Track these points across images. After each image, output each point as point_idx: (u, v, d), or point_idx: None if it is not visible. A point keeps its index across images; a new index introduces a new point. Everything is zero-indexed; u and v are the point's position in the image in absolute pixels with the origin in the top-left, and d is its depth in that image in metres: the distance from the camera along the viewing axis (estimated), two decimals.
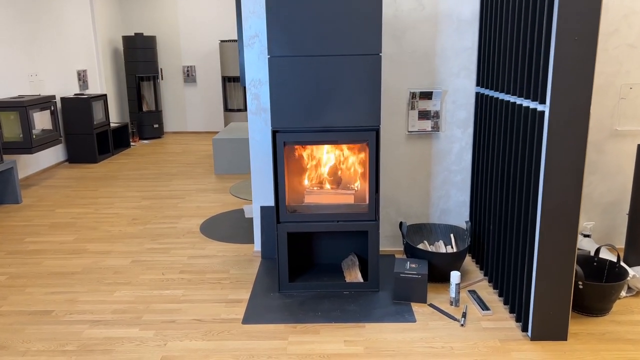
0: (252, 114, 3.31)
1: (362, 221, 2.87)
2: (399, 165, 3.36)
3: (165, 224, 4.18)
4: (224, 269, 3.31)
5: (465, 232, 3.19)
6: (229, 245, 3.71)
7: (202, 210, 4.52)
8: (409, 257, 3.09)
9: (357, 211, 2.88)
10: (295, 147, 2.99)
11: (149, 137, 8.28)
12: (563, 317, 2.40)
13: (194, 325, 2.63)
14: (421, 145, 3.33)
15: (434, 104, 3.24)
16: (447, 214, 3.42)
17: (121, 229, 4.07)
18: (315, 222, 2.87)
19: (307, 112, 2.73)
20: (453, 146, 3.32)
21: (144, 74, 8.07)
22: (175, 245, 3.72)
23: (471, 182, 3.33)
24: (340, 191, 2.99)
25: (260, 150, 3.36)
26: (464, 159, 3.34)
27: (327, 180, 3.05)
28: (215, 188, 5.27)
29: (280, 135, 2.76)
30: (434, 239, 3.33)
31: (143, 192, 5.17)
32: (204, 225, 4.13)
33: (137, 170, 6.12)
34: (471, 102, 3.25)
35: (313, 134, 2.76)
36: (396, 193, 3.40)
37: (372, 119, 2.74)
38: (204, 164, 6.45)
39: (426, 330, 2.55)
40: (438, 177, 3.37)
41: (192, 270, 3.30)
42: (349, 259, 3.21)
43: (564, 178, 2.26)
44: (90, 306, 2.85)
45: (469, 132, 3.30)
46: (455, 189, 3.39)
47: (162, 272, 3.28)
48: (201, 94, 8.74)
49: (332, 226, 2.87)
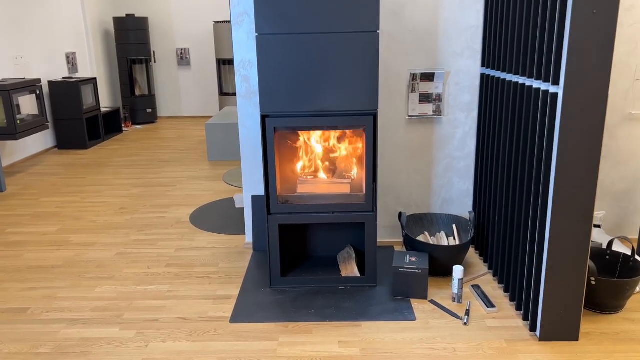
0: (242, 97, 3.10)
1: (358, 212, 2.68)
2: (398, 151, 3.16)
3: (154, 214, 3.99)
4: (213, 262, 3.13)
5: (469, 223, 3.01)
6: (220, 236, 3.53)
7: (193, 199, 4.33)
8: (409, 249, 2.91)
9: (353, 202, 2.69)
10: (286, 133, 2.80)
11: (142, 122, 8.06)
12: (575, 316, 2.23)
13: (178, 325, 2.46)
14: (422, 131, 3.13)
15: (436, 87, 3.03)
16: (450, 204, 3.24)
17: (107, 219, 3.89)
18: (309, 213, 2.69)
19: (299, 96, 2.52)
20: (456, 131, 3.12)
21: (136, 57, 7.82)
22: (163, 237, 3.53)
23: (475, 170, 3.14)
24: (336, 180, 2.80)
25: (250, 136, 3.16)
26: (468, 145, 3.14)
27: (321, 168, 2.85)
28: (208, 175, 5.08)
29: (270, 120, 2.56)
30: (435, 230, 3.14)
31: (133, 179, 4.98)
32: (194, 214, 3.94)
33: (128, 157, 5.92)
34: (476, 84, 3.04)
35: (306, 119, 2.56)
36: (395, 181, 3.21)
37: (369, 103, 2.54)
38: (198, 150, 6.24)
39: (427, 329, 2.38)
40: (440, 164, 3.17)
41: (180, 263, 3.12)
42: (345, 251, 3.03)
43: (578, 166, 2.07)
44: (69, 303, 2.68)
45: (473, 116, 3.09)
46: (458, 177, 3.19)
47: (148, 265, 3.10)
48: (196, 77, 8.50)
49: (327, 218, 2.69)
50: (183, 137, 7.03)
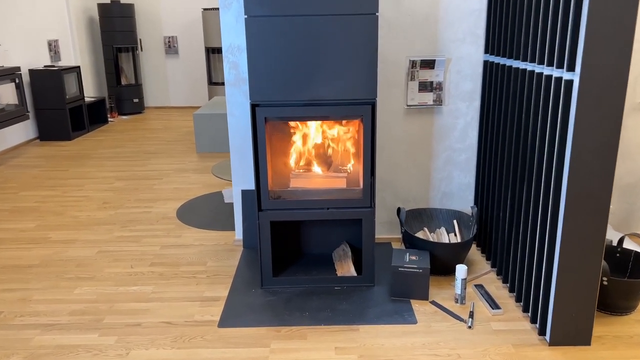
0: (230, 85, 2.91)
1: (355, 208, 2.52)
2: (396, 143, 2.99)
3: (139, 208, 3.80)
4: (200, 260, 2.96)
5: (471, 219, 2.86)
6: (208, 232, 3.35)
7: (180, 193, 4.14)
8: (408, 247, 2.76)
9: (349, 197, 2.52)
10: (278, 124, 2.62)
11: (129, 112, 7.82)
12: (587, 318, 2.09)
13: (162, 330, 2.29)
14: (421, 121, 2.96)
15: (437, 74, 2.87)
16: (450, 198, 3.08)
17: (89, 214, 3.70)
18: (302, 209, 2.52)
19: (291, 83, 2.34)
20: (457, 122, 2.96)
21: (122, 45, 7.56)
22: (147, 233, 3.35)
23: (477, 162, 2.98)
24: (331, 174, 2.63)
25: (239, 126, 2.97)
26: (469, 136, 2.98)
27: (315, 161, 2.68)
28: (196, 168, 4.89)
29: (261, 109, 2.38)
30: (434, 226, 2.99)
31: (117, 172, 4.77)
32: (181, 209, 3.76)
33: (114, 149, 5.70)
34: (478, 71, 2.87)
35: (299, 109, 2.38)
36: (393, 175, 3.05)
37: (367, 91, 2.36)
38: (186, 141, 6.04)
39: (429, 333, 2.23)
40: (440, 156, 3.01)
41: (165, 262, 2.94)
42: (340, 248, 2.87)
43: (594, 158, 1.91)
44: (45, 306, 2.49)
45: (474, 105, 2.93)
46: (458, 170, 3.03)
47: (131, 264, 2.92)
48: (184, 66, 8.26)
49: (322, 214, 2.52)
50: (170, 128, 6.81)
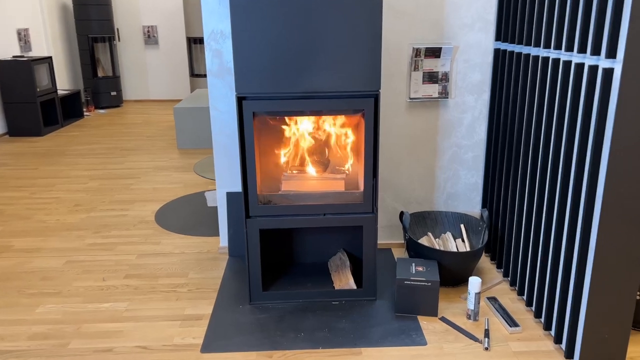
0: (214, 76, 2.61)
1: (355, 214, 2.24)
2: (397, 140, 2.72)
3: (114, 211, 3.48)
4: (181, 271, 2.66)
5: (480, 223, 2.60)
6: (190, 239, 3.05)
7: (160, 193, 3.82)
8: (412, 255, 2.49)
9: (348, 201, 2.24)
10: (268, 119, 2.32)
11: (106, 106, 7.43)
12: (622, 339, 1.84)
13: (137, 356, 1.99)
14: (425, 116, 2.69)
15: (443, 64, 2.59)
16: (455, 199, 2.82)
17: (59, 219, 3.36)
18: (295, 216, 2.23)
19: (283, 73, 2.05)
20: (464, 116, 2.69)
21: (98, 35, 7.15)
22: (123, 240, 3.04)
23: (485, 161, 2.72)
24: (328, 175, 2.34)
25: (224, 122, 2.67)
26: (477, 132, 2.72)
27: (310, 161, 2.39)
28: (177, 165, 4.56)
29: (248, 103, 2.08)
30: (439, 231, 2.73)
31: (92, 170, 4.43)
32: (160, 212, 3.45)
33: (88, 145, 5.34)
34: (487, 61, 2.61)
35: (292, 102, 2.09)
36: (394, 174, 2.78)
37: (369, 82, 2.08)
38: (166, 136, 5.70)
39: (442, 356, 1.97)
40: (445, 154, 2.75)
41: (142, 273, 2.64)
42: (337, 257, 2.60)
43: (637, 159, 1.66)
44: (2, 329, 2.18)
45: (483, 98, 2.67)
46: (465, 169, 2.77)
47: (103, 277, 2.61)
48: (164, 57, 7.88)
49: (317, 221, 2.24)
50: (150, 123, 6.45)
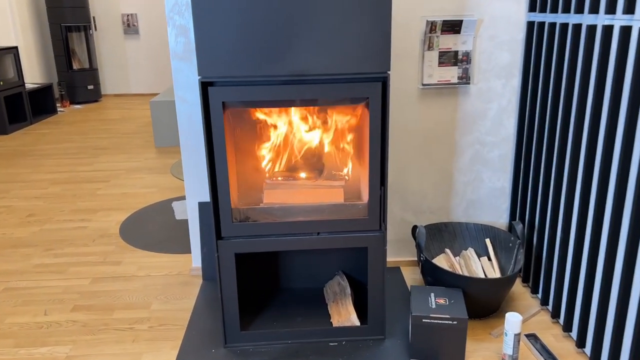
0: (178, 58, 2.10)
1: (358, 233, 1.75)
2: (406, 136, 2.23)
3: (72, 223, 2.97)
4: (143, 300, 2.16)
5: (511, 238, 2.11)
6: (158, 257, 2.55)
7: (129, 200, 3.32)
8: (429, 281, 2.00)
9: (349, 216, 1.75)
10: (244, 112, 1.82)
11: (83, 101, 6.88)
12: None
13: None
14: (441, 106, 2.19)
15: (464, 41, 2.10)
16: (477, 208, 2.33)
17: (5, 233, 2.85)
18: (281, 236, 1.74)
19: (262, 50, 1.55)
20: (489, 106, 2.20)
21: (72, 24, 6.60)
22: (77, 259, 2.53)
23: (514, 161, 2.23)
24: (322, 183, 1.84)
25: (193, 117, 2.17)
26: (505, 126, 2.23)
27: (300, 165, 1.89)
28: (153, 166, 4.05)
29: (217, 90, 1.58)
30: (459, 246, 2.24)
31: (56, 173, 3.91)
32: (127, 223, 2.94)
33: (58, 144, 4.82)
34: (519, 37, 2.11)
35: (273, 89, 1.59)
36: (402, 178, 2.29)
37: (375, 61, 1.58)
38: (144, 133, 5.18)
39: None
40: (465, 153, 2.26)
41: (94, 304, 2.14)
42: (335, 282, 2.10)
43: None
44: None
45: (513, 84, 2.17)
46: (489, 171, 2.28)
47: (45, 309, 2.11)
48: (146, 48, 7.33)
49: (309, 242, 1.75)
50: (129, 119, 5.93)
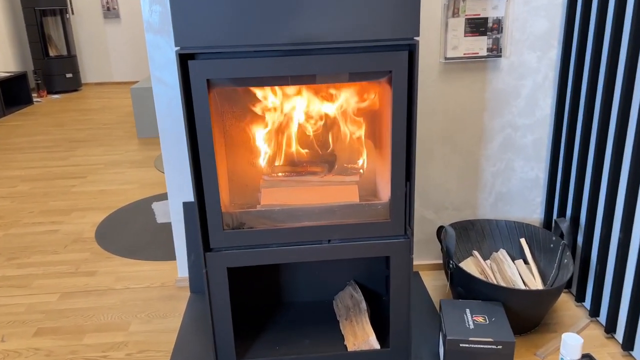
0: (153, 32, 1.75)
1: (378, 239, 1.42)
2: (426, 119, 1.90)
3: (42, 226, 2.62)
4: (120, 320, 1.83)
5: (552, 238, 1.80)
6: (139, 265, 2.21)
7: (108, 198, 2.97)
8: (461, 292, 1.69)
9: (367, 219, 1.42)
10: (233, 91, 1.48)
11: (61, 90, 6.47)
12: None
13: None
14: (467, 83, 1.87)
15: (494, 6, 1.76)
16: (508, 202, 2.02)
17: None
18: (284, 246, 1.41)
19: (256, 13, 1.21)
20: (523, 83, 1.87)
21: (47, 7, 6.17)
22: (45, 269, 2.19)
23: (552, 147, 1.91)
24: (332, 179, 1.51)
25: (173, 101, 1.82)
26: (540, 106, 1.90)
27: (304, 158, 1.56)
28: (134, 159, 3.70)
29: (199, 65, 1.24)
30: (489, 247, 1.93)
31: (28, 169, 3.55)
32: (104, 226, 2.60)
33: (32, 136, 4.44)
34: (557, 1, 1.79)
35: (272, 61, 1.25)
36: (421, 168, 1.96)
37: (400, 25, 1.25)
38: (126, 124, 4.81)
39: None
40: (494, 138, 1.94)
41: (61, 327, 1.81)
42: (346, 293, 1.79)
43: None
44: None
45: (550, 57, 1.85)
46: (521, 159, 1.97)
47: (3, 335, 1.77)
48: (127, 33, 6.91)
49: (318, 252, 1.42)
50: (110, 108, 5.54)
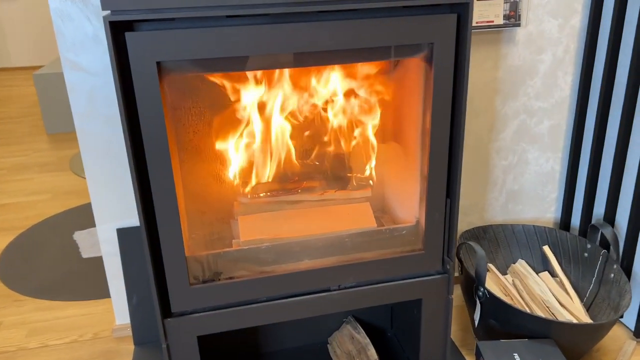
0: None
1: (406, 278, 1.03)
2: None
3: None
4: None
5: (588, 248, 1.50)
6: (60, 309, 1.68)
7: (13, 215, 2.36)
8: (491, 324, 1.34)
9: (390, 251, 1.02)
10: (196, 80, 1.01)
11: None
12: None
13: None
14: (478, 59, 1.50)
15: None
16: (520, 201, 1.70)
17: None
18: (275, 299, 0.98)
19: None
20: (541, 58, 1.54)
21: None
22: None
23: (574, 133, 1.60)
24: (336, 196, 1.09)
25: (95, 90, 1.31)
26: (559, 86, 1.58)
27: (295, 169, 1.12)
28: (45, 162, 3.06)
29: (143, 39, 0.76)
30: (503, 258, 1.60)
31: None
32: (9, 254, 2.02)
33: None
34: None
35: (253, 32, 0.80)
36: None
37: None
38: (32, 117, 4.08)
39: None
40: (507, 125, 1.60)
41: None
42: (344, 334, 1.38)
43: None
44: None
45: (573, 25, 1.52)
46: (536, 149, 1.64)
47: None
48: (25, 11, 6.04)
49: (325, 303, 1.01)
50: (10, 99, 4.74)
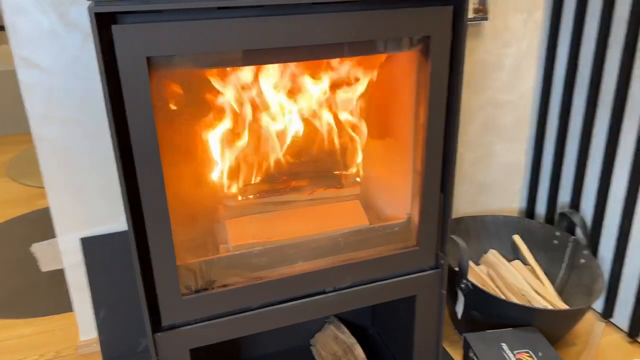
0: None
1: (399, 276, 1.02)
2: None
3: None
4: None
5: (557, 235, 1.55)
6: (17, 327, 1.55)
7: None
8: (474, 315, 1.36)
9: (383, 248, 1.01)
10: (188, 74, 0.94)
11: None
12: None
13: None
14: None
15: None
16: (488, 192, 1.74)
17: None
18: (270, 305, 0.94)
19: None
20: (506, 52, 1.57)
21: None
22: None
23: (538, 124, 1.65)
24: (325, 194, 1.06)
25: (55, 91, 1.20)
26: (523, 79, 1.62)
27: (283, 168, 1.07)
28: None
29: (131, 31, 0.70)
30: (475, 248, 1.63)
31: None
32: None
33: None
34: None
35: (246, 25, 0.75)
36: None
37: None
38: None
39: None
40: (474, 119, 1.62)
41: None
42: (328, 335, 1.36)
43: None
44: None
45: (535, 20, 1.56)
46: (502, 141, 1.69)
47: None
48: None
49: (320, 306, 0.98)
50: None
